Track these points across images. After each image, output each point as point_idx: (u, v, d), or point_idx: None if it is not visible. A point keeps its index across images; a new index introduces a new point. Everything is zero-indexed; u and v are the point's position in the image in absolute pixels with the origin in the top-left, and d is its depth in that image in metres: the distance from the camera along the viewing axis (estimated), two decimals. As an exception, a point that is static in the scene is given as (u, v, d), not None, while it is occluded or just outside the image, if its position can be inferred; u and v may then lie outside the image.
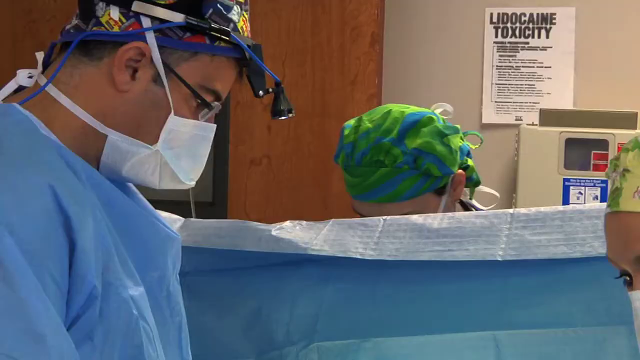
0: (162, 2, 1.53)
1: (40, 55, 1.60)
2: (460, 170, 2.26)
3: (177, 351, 1.66)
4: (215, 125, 1.63)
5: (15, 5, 4.31)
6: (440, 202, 2.25)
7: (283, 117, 1.72)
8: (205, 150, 1.63)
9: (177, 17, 1.53)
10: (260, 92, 1.65)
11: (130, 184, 1.67)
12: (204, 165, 1.65)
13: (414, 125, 2.21)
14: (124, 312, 1.45)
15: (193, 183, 1.65)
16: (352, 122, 2.30)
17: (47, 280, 1.33)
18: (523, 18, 4.25)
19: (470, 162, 2.31)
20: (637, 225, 1.36)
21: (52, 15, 4.17)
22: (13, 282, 1.30)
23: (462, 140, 2.29)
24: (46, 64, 1.59)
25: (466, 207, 2.41)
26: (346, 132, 2.27)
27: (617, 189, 1.39)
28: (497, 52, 4.28)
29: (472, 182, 2.35)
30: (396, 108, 2.27)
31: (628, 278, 1.40)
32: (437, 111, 2.32)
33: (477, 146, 2.38)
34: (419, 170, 2.18)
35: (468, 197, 2.41)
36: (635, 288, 1.37)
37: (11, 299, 1.30)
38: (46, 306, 1.32)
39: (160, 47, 1.52)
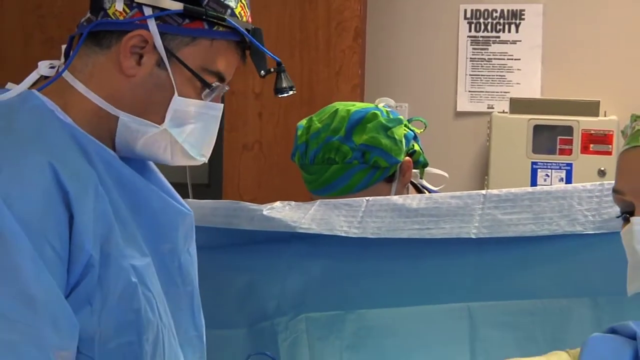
0: None
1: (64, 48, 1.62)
2: (407, 158, 2.24)
3: (190, 317, 1.68)
4: (222, 104, 1.63)
5: (25, 2, 4.28)
6: (391, 188, 2.23)
7: (285, 94, 1.72)
8: (213, 128, 1.63)
9: (176, 5, 1.53)
10: (262, 72, 1.65)
11: (151, 164, 1.68)
12: (213, 142, 1.65)
13: (360, 122, 2.19)
14: (122, 280, 1.46)
15: (205, 159, 1.66)
16: (304, 122, 2.29)
17: (45, 248, 1.36)
18: (494, 14, 4.25)
19: (417, 146, 2.30)
20: None
21: (59, 10, 4.13)
22: (8, 249, 1.33)
23: (407, 128, 2.28)
24: (67, 55, 1.60)
25: (418, 188, 2.40)
26: (299, 132, 2.27)
27: (638, 130, 1.39)
28: (471, 45, 4.28)
29: (421, 164, 2.34)
30: (342, 107, 2.26)
31: (628, 215, 1.40)
32: (381, 105, 2.31)
33: (421, 130, 2.37)
34: (367, 164, 2.17)
35: (419, 177, 2.40)
36: (636, 214, 1.36)
37: (6, 263, 1.33)
38: (40, 271, 1.34)
39: (161, 33, 1.53)
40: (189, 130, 1.58)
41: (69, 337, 1.37)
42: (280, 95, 1.72)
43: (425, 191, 2.39)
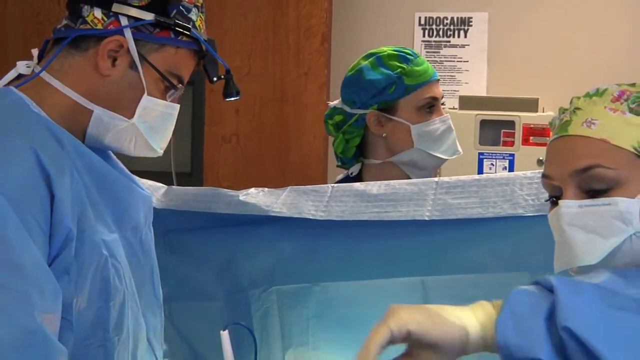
0: (136, 4, 1.58)
1: (35, 52, 1.63)
2: None
3: (151, 287, 1.71)
4: (179, 105, 1.66)
5: (25, 9, 4.25)
6: None
7: (232, 99, 1.76)
8: (170, 125, 1.66)
9: (148, 16, 1.58)
10: (214, 78, 1.69)
11: (113, 155, 1.70)
12: (170, 137, 1.68)
13: None
14: (95, 252, 1.48)
15: (161, 152, 1.68)
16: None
17: (31, 223, 1.37)
18: (446, 21, 4.26)
19: None
20: (580, 146, 1.35)
21: (56, 17, 4.11)
22: None
23: None
24: (40, 57, 1.62)
25: None
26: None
27: (566, 121, 1.39)
28: (425, 49, 4.28)
29: None
30: None
31: (555, 199, 1.39)
32: None
33: None
34: None
35: None
36: (564, 198, 1.36)
37: None
38: (27, 242, 1.34)
39: (135, 40, 1.57)
40: (153, 126, 1.61)
41: (53, 301, 1.37)
42: (227, 99, 1.76)
43: None
